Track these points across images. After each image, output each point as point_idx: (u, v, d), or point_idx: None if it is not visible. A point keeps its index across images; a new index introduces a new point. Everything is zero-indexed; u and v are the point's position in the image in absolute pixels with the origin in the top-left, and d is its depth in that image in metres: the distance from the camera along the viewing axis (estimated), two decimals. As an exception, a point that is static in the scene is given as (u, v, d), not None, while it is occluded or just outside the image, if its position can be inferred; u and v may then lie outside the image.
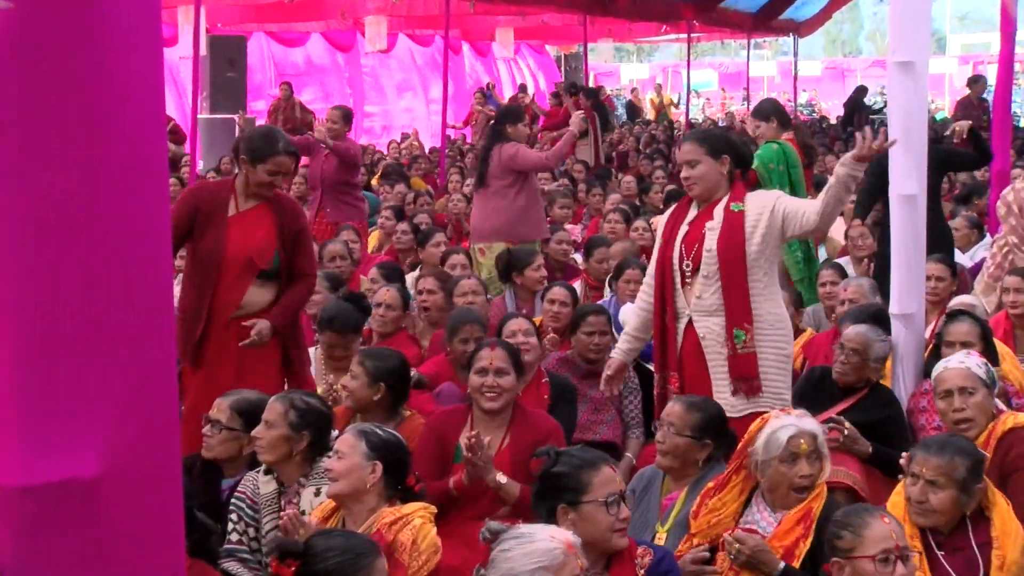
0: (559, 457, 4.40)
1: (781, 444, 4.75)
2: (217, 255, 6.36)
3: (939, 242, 8.84)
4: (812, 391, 6.33)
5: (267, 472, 5.35)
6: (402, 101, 31.02)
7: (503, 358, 5.74)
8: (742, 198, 5.87)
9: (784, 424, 4.80)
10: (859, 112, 28.48)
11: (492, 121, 10.44)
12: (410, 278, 9.24)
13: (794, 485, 4.77)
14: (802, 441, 4.76)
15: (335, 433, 5.33)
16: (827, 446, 5.78)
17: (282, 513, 4.91)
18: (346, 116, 12.33)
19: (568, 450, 4.58)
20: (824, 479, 4.83)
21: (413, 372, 6.36)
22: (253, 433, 5.34)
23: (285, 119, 18.99)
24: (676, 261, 5.95)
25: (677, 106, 34.04)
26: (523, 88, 29.12)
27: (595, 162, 18.88)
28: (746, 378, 5.82)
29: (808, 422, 4.86)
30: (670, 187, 14.07)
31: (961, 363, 5.56)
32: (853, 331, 6.31)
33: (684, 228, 5.99)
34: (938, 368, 5.64)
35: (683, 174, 6.03)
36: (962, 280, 8.66)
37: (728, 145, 5.98)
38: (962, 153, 9.76)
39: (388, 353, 6.33)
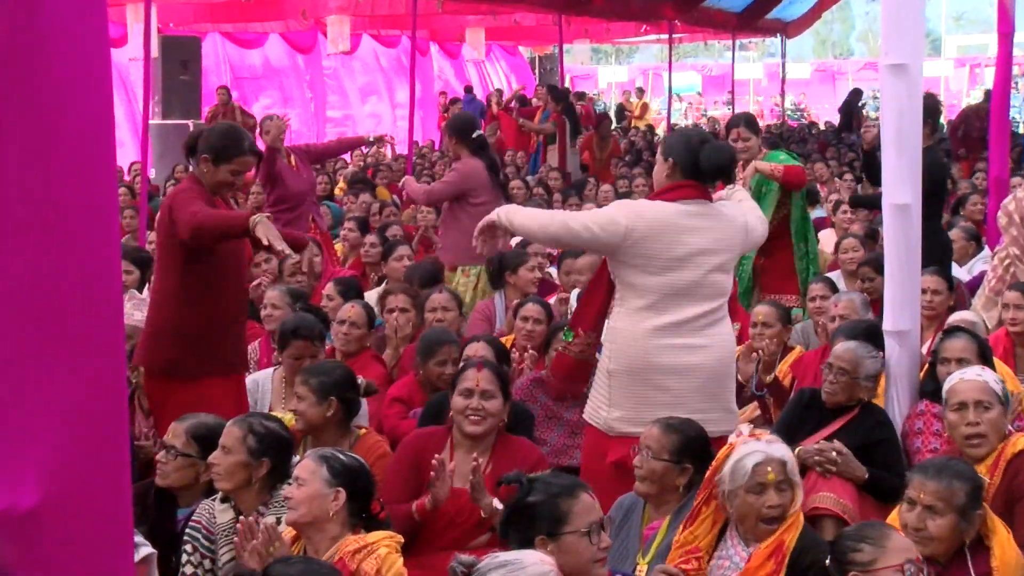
0: (532, 484, 4.37)
1: (747, 472, 4.72)
2: (240, 254, 6.54)
3: (940, 254, 8.86)
4: (801, 413, 6.34)
5: (224, 500, 5.34)
6: (366, 106, 30.99)
7: (490, 380, 5.75)
8: None
9: (751, 451, 4.76)
10: (856, 114, 28.58)
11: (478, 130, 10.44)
12: (374, 294, 9.19)
13: (762, 516, 4.73)
14: (769, 469, 4.72)
15: (296, 459, 5.32)
16: (823, 471, 5.82)
17: (260, 519, 4.89)
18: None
19: (541, 476, 4.54)
20: (796, 509, 4.79)
21: (360, 379, 6.36)
22: (210, 459, 5.32)
23: None
24: None
25: (640, 116, 33.92)
26: (498, 92, 29.17)
27: (560, 164, 19.06)
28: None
29: (777, 448, 4.81)
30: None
31: (978, 376, 5.59)
32: (842, 348, 6.32)
33: None
34: (952, 379, 5.66)
35: None
36: (959, 295, 8.70)
37: (679, 148, 5.98)
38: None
39: (330, 366, 6.37)
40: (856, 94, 29.97)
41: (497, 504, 5.33)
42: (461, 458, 5.69)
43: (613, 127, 23.61)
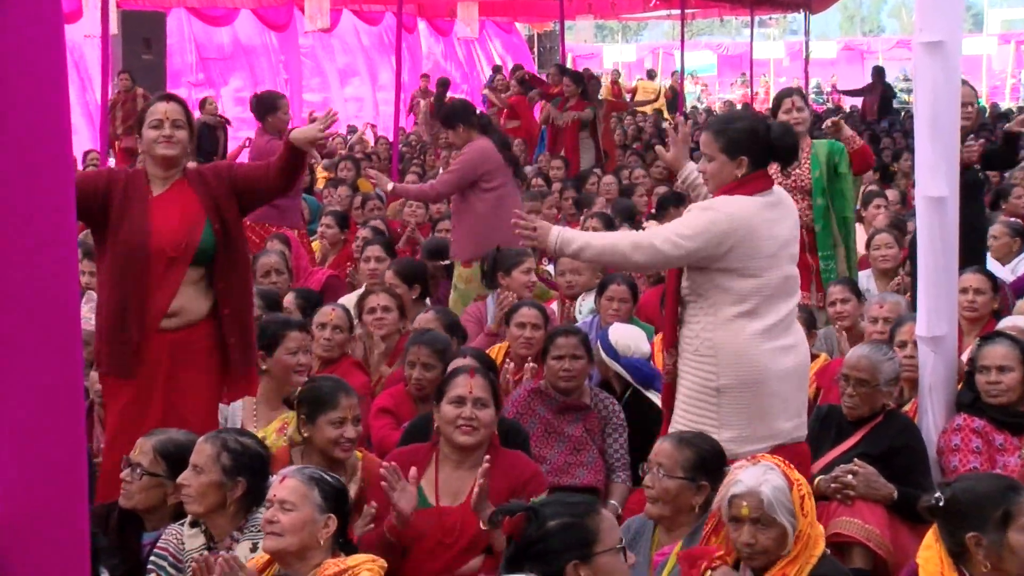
0: (543, 510, 4.32)
1: (724, 505, 4.75)
2: (141, 243, 6.20)
3: (974, 243, 8.86)
4: (820, 429, 6.35)
5: (193, 525, 5.31)
6: (347, 88, 30.97)
7: (484, 387, 5.76)
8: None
9: (738, 479, 4.76)
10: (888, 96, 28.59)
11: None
12: (352, 297, 9.17)
13: (739, 552, 4.73)
14: (744, 504, 4.69)
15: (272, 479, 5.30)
16: (843, 499, 5.83)
17: (220, 555, 4.87)
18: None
19: (550, 500, 4.51)
20: (790, 548, 4.71)
21: None
22: (180, 479, 5.28)
23: (125, 115, 18.64)
24: None
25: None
26: (497, 69, 29.06)
27: (597, 161, 18.60)
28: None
29: (767, 479, 4.75)
30: (660, 190, 14.08)
31: None
32: (855, 357, 6.31)
33: None
34: None
35: (699, 166, 6.08)
36: (1002, 296, 8.69)
37: (749, 143, 5.92)
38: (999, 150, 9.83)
39: (331, 381, 6.33)
40: (879, 73, 29.93)
41: None
42: (448, 475, 5.69)
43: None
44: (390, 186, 10.62)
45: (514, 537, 4.31)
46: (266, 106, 12.01)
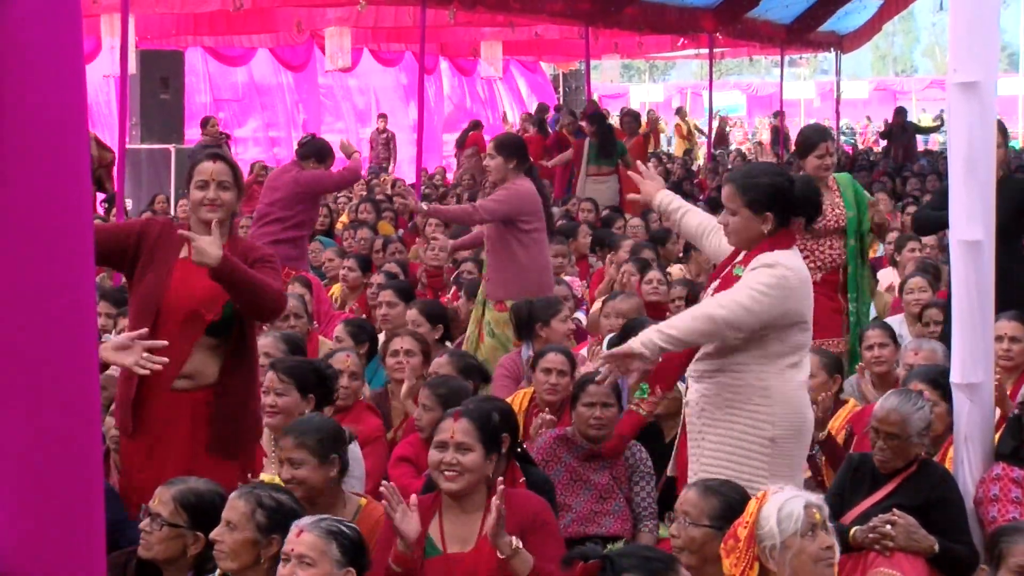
0: (621, 561, 4.32)
1: (798, 516, 4.79)
2: (156, 298, 6.15)
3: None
4: (852, 478, 6.33)
5: (220, 579, 5.29)
6: (367, 129, 31.04)
7: (467, 431, 5.74)
8: (749, 260, 5.94)
9: (790, 496, 4.85)
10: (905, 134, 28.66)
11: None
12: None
13: (820, 558, 4.79)
14: (815, 510, 4.81)
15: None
16: (881, 549, 5.83)
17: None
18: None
19: (627, 551, 4.51)
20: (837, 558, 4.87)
21: (345, 429, 6.37)
22: (213, 535, 5.23)
23: None
24: None
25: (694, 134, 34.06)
26: (557, 108, 29.05)
27: (569, 191, 19.07)
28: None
29: (805, 492, 4.98)
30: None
31: None
32: (883, 410, 6.26)
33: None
34: None
35: (720, 218, 6.16)
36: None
37: (775, 198, 5.97)
38: None
39: (320, 421, 6.25)
40: (901, 113, 30.00)
41: (516, 542, 5.35)
42: (453, 521, 5.67)
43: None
44: (424, 206, 10.77)
45: None
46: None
